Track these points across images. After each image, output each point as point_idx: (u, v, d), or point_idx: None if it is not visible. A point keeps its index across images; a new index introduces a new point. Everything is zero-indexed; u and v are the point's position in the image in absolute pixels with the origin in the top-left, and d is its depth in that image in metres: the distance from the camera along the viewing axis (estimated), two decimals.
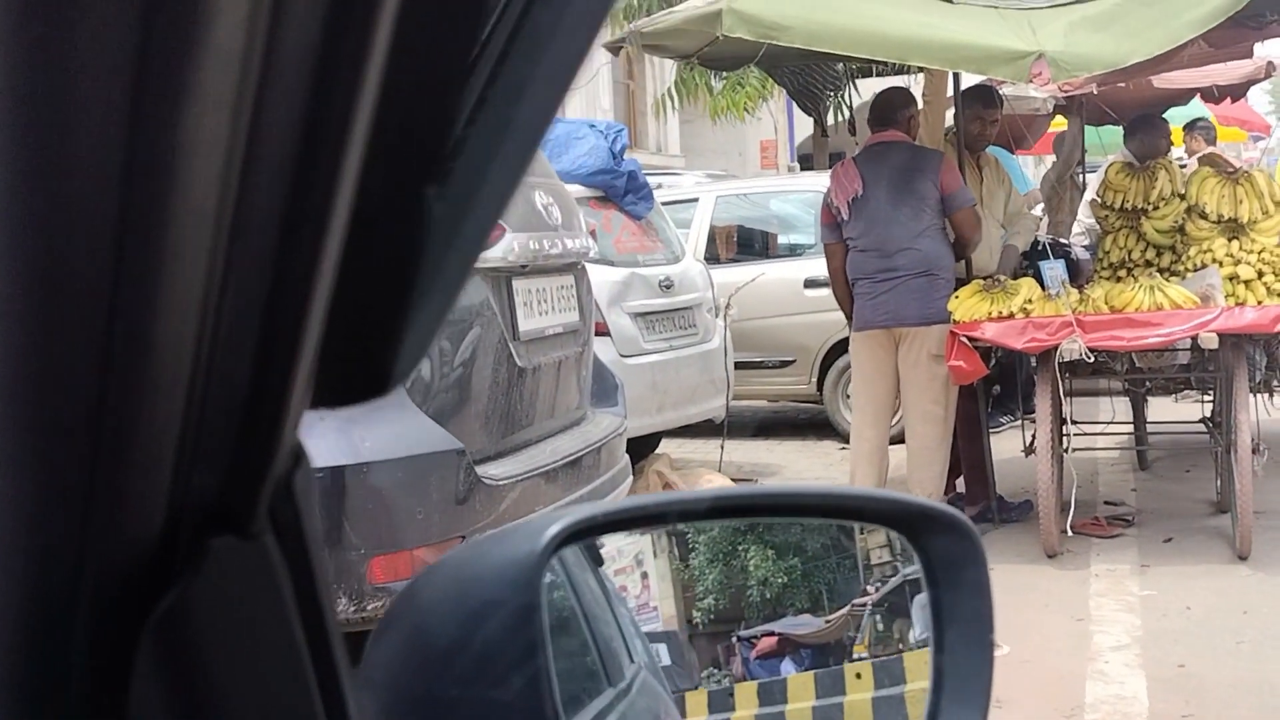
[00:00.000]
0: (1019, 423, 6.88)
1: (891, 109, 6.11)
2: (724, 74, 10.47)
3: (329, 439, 2.95)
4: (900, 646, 1.30)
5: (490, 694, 0.66)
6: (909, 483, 6.04)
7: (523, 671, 0.66)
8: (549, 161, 5.38)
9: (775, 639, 1.39)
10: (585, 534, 0.96)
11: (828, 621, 1.37)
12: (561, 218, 3.92)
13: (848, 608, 1.33)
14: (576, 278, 4.14)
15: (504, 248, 3.47)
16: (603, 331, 6.44)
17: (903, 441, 6.13)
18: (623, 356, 6.64)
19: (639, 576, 1.39)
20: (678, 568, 1.38)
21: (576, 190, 6.60)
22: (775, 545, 1.39)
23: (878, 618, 1.34)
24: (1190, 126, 10.32)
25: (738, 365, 8.19)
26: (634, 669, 1.23)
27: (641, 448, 7.59)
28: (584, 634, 1.11)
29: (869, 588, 1.39)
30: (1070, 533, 5.82)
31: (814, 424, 9.19)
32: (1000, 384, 6.70)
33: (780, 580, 1.39)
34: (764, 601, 1.39)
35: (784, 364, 8.85)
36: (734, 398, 8.09)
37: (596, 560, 1.26)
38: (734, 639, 1.38)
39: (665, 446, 8.10)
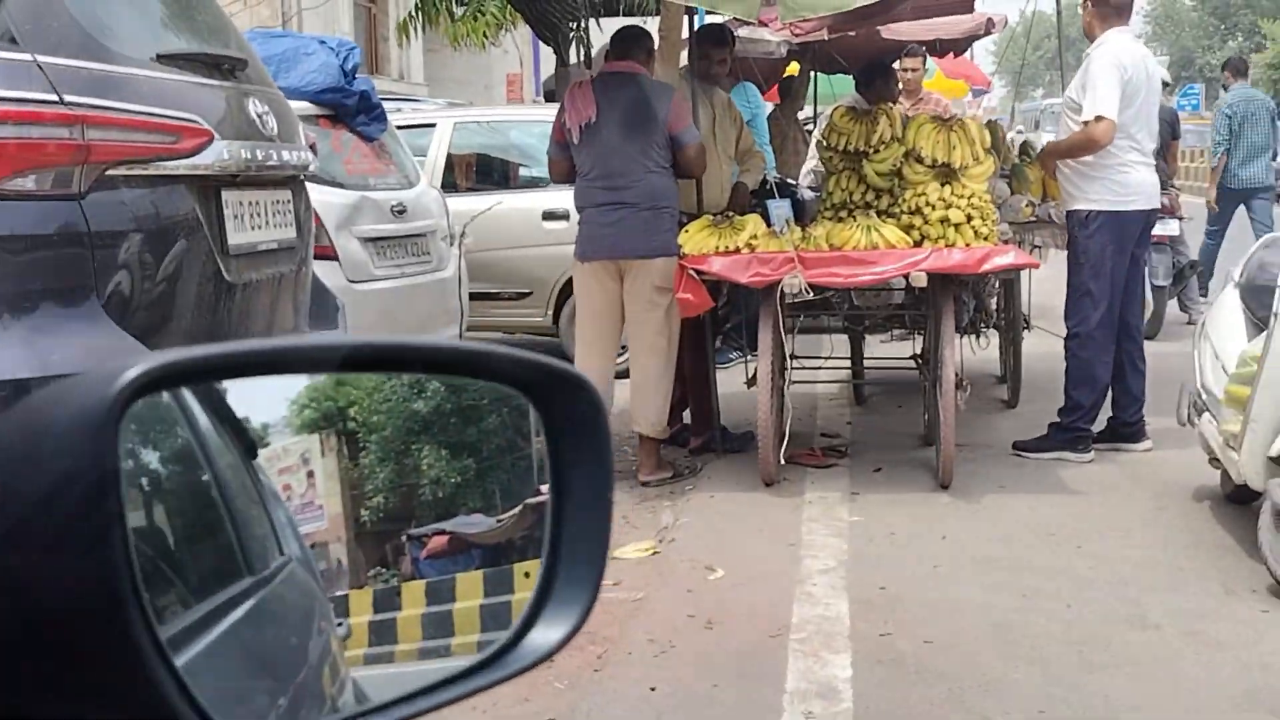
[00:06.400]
0: (747, 359, 7.05)
1: (632, 41, 6.16)
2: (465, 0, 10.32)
3: (13, 350, 2.77)
4: None
5: (59, 579, 0.60)
6: (632, 413, 6.12)
7: (94, 556, 0.61)
8: (273, 77, 5.17)
9: (446, 538, 1.37)
10: (178, 380, 0.89)
11: (499, 521, 1.35)
12: (279, 128, 3.77)
13: (520, 507, 1.32)
14: (294, 192, 3.99)
15: (213, 154, 3.31)
16: (330, 255, 6.28)
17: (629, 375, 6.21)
18: (351, 282, 6.47)
19: (304, 475, 1.34)
20: (346, 466, 1.35)
21: (305, 108, 6.38)
22: (450, 445, 1.37)
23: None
24: None
25: (473, 296, 8.12)
26: (282, 561, 1.19)
27: None
28: (220, 515, 1.07)
29: (542, 488, 1.38)
30: (787, 462, 6.01)
31: (550, 356, 9.20)
32: (730, 320, 6.85)
33: (454, 480, 1.37)
34: (436, 501, 1.37)
35: (520, 296, 8.83)
36: (469, 328, 8.02)
37: (249, 451, 1.21)
38: (404, 538, 1.36)
39: None
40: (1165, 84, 10.69)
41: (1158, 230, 9.91)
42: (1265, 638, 4.04)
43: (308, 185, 4.28)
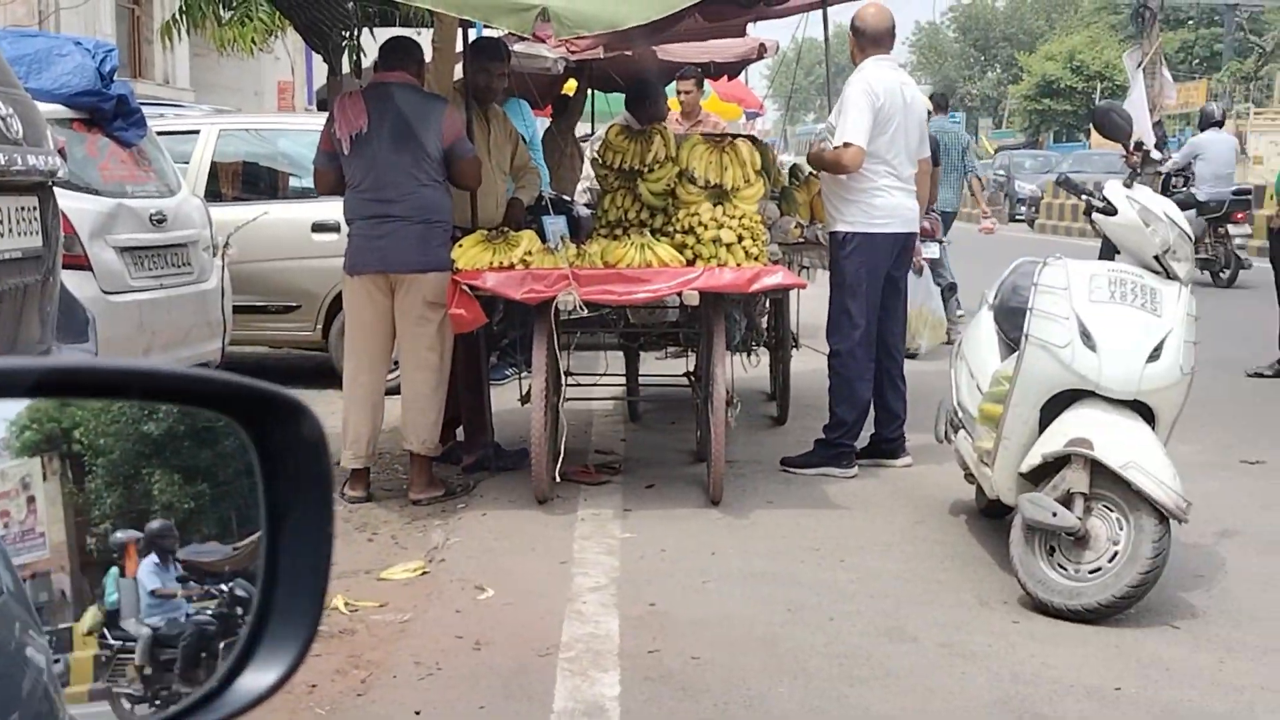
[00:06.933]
0: (522, 375, 7.02)
1: (403, 51, 6.06)
2: (232, 4, 10.04)
3: None
4: None
5: None
6: (403, 430, 6.03)
7: None
8: (23, 79, 4.91)
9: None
10: None
11: (235, 549, 1.29)
12: (24, 131, 3.57)
13: (258, 534, 1.26)
14: (41, 199, 3.79)
15: None
16: (83, 265, 6.00)
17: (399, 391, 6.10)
18: (106, 293, 6.21)
19: (24, 501, 1.26)
20: (70, 491, 1.27)
21: (58, 111, 6.09)
22: (183, 469, 1.30)
23: None
24: None
25: (238, 309, 7.88)
26: None
27: None
28: None
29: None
30: (561, 480, 5.99)
31: (319, 372, 8.99)
32: (506, 336, 6.81)
33: (187, 506, 1.30)
34: None
35: (288, 309, 8.61)
36: (233, 342, 7.78)
37: None
38: None
39: None
40: (929, 113, 11.14)
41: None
42: (1016, 648, 4.20)
43: (57, 191, 4.07)
